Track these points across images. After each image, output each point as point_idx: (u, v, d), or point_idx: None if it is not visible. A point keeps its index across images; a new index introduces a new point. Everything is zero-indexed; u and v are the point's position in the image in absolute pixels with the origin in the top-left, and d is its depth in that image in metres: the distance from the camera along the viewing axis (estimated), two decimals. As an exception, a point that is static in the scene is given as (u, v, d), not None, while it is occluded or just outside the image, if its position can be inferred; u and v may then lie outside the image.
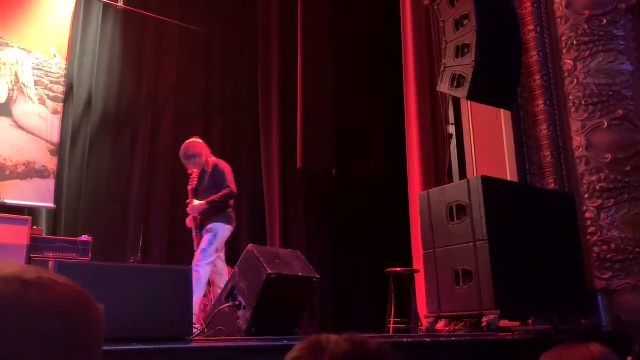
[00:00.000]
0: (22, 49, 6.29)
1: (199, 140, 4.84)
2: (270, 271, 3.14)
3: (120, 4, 6.85)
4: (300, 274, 3.33)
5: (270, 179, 6.74)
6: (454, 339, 3.37)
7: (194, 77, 7.36)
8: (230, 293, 3.31)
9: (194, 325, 3.11)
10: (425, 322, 4.30)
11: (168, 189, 6.80)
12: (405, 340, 3.25)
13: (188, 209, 4.54)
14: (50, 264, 5.28)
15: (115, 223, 6.43)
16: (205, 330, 3.21)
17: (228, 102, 7.57)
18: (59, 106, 6.37)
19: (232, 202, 4.64)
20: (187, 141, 4.83)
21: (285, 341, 2.95)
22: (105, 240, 6.07)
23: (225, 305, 3.22)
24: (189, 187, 4.61)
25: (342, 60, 6.50)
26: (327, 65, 6.18)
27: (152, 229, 6.54)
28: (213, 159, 4.71)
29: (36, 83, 6.31)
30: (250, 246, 3.36)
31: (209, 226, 4.43)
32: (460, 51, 4.39)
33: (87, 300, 0.73)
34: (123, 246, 6.32)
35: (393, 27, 6.10)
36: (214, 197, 4.40)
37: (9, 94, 6.16)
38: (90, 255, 5.46)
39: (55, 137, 6.25)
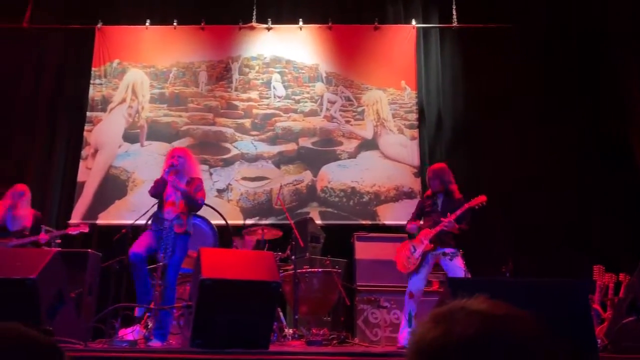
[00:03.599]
0: (379, 88, 7.24)
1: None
2: (683, 280, 2.69)
3: (454, 24, 7.17)
4: None
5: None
6: None
7: (528, 78, 7.06)
8: (631, 305, 2.97)
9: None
10: None
11: (531, 191, 6.68)
12: None
13: (445, 224, 4.49)
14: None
15: (482, 232, 6.61)
16: (608, 346, 2.96)
17: (566, 96, 6.96)
18: (415, 132, 7.06)
19: None
20: (443, 164, 4.99)
21: None
22: (476, 249, 6.27)
23: (628, 319, 2.90)
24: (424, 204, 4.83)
25: None
26: None
27: (518, 236, 6.47)
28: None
29: (393, 116, 7.15)
30: (649, 253, 2.95)
31: (450, 250, 4.51)
32: None
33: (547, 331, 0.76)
34: (490, 255, 6.42)
35: None
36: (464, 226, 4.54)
37: (374, 130, 7.15)
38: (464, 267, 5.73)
39: (415, 161, 6.92)
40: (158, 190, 4.52)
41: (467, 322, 0.74)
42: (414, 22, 7.35)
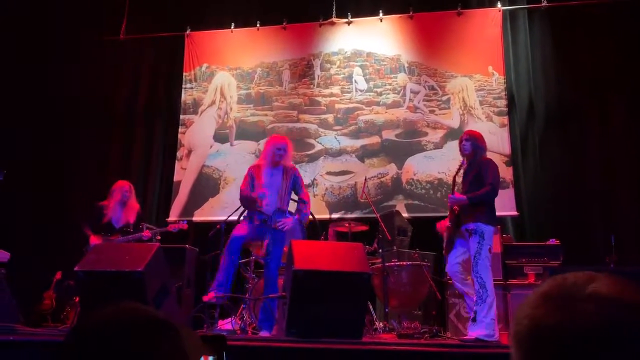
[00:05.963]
0: (464, 75, 7.02)
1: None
2: None
3: (544, 3, 6.79)
4: None
5: None
6: None
7: (632, 60, 6.52)
8: None
9: None
10: None
11: (634, 179, 6.21)
12: None
13: (449, 204, 4.30)
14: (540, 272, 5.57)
15: (579, 222, 6.24)
16: None
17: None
18: (505, 119, 6.77)
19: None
20: (479, 131, 4.65)
21: None
22: (573, 241, 5.93)
23: None
24: (454, 175, 4.49)
25: None
26: None
27: (623, 225, 6.04)
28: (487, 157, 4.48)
29: (481, 103, 6.90)
30: None
31: (471, 226, 4.12)
32: None
33: None
34: (593, 246, 6.05)
35: None
36: (475, 193, 4.16)
37: (461, 118, 6.94)
38: (561, 258, 5.43)
39: (506, 149, 6.63)
40: (248, 205, 4.60)
41: (597, 309, 0.66)
42: (499, 4, 7.05)
